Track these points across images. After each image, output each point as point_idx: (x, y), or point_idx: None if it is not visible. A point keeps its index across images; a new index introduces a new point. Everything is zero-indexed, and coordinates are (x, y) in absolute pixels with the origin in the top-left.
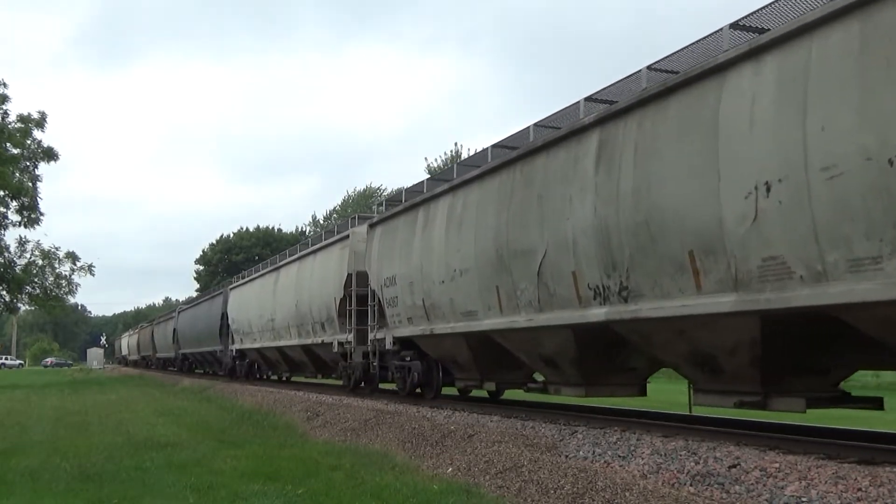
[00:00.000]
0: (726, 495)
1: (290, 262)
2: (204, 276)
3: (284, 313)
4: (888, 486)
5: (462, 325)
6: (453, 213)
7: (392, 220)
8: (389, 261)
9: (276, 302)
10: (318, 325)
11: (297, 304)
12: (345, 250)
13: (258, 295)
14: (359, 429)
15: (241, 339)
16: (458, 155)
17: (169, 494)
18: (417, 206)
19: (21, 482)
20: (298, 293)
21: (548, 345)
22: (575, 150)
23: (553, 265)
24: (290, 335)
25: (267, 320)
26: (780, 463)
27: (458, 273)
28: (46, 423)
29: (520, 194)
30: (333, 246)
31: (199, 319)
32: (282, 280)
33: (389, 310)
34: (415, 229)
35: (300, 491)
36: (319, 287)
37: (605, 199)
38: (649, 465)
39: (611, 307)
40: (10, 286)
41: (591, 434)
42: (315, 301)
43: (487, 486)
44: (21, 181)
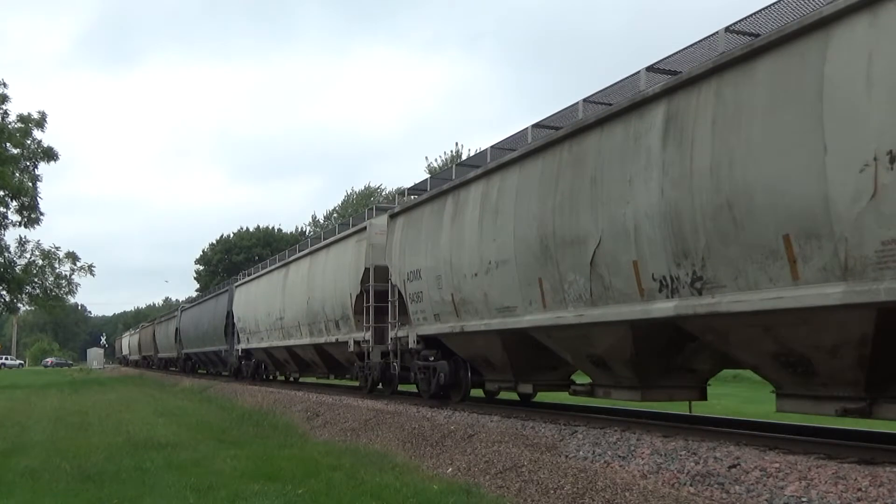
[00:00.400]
0: (726, 495)
1: (301, 257)
2: (204, 276)
3: (295, 311)
4: (888, 486)
5: (497, 321)
6: (488, 200)
7: (416, 209)
8: (413, 253)
9: (286, 299)
10: (331, 324)
11: (309, 302)
12: (361, 243)
13: (266, 292)
14: (359, 429)
15: (248, 338)
16: (459, 155)
17: (169, 494)
18: (445, 194)
19: (21, 482)
20: (310, 290)
21: (599, 343)
22: (635, 125)
23: (609, 254)
24: (300, 334)
25: (275, 319)
26: (780, 463)
27: (493, 265)
28: (46, 423)
29: (568, 177)
30: (349, 239)
31: (203, 318)
32: (292, 276)
33: (413, 306)
34: (442, 219)
35: (300, 491)
36: (333, 283)
37: (676, 180)
38: (649, 465)
39: (681, 300)
40: (10, 286)
41: (591, 434)
42: (329, 298)
43: (487, 486)
44: (21, 181)
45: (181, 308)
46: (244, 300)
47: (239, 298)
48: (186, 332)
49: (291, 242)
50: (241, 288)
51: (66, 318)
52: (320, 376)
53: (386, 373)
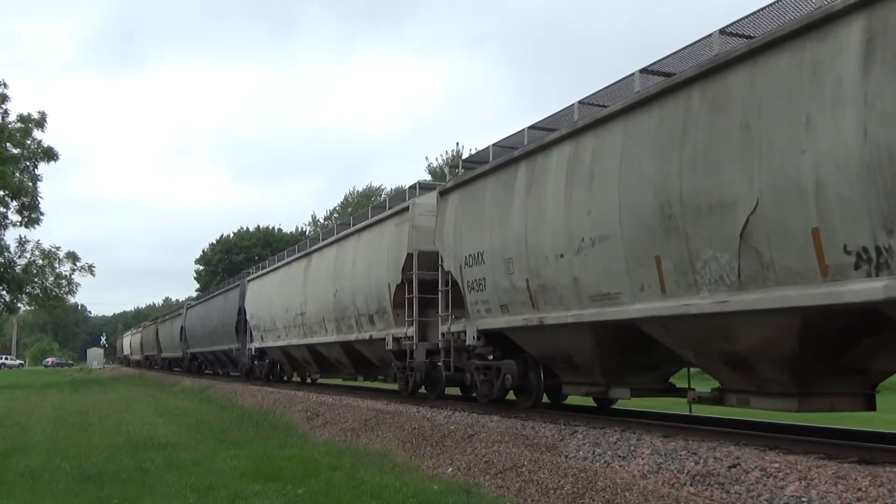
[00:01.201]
0: (726, 495)
1: (326, 245)
2: (204, 276)
3: (319, 305)
4: (888, 486)
5: (592, 311)
6: (578, 165)
7: (476, 182)
8: (473, 234)
9: (308, 293)
10: (363, 319)
11: (337, 294)
12: (402, 226)
13: (284, 286)
14: (359, 429)
15: (262, 336)
16: (459, 154)
17: (169, 495)
18: (515, 163)
19: (21, 482)
20: (338, 281)
21: (744, 338)
22: (815, 51)
23: (771, 221)
24: (324, 331)
25: (295, 314)
26: (780, 463)
27: (587, 243)
28: (46, 423)
29: (702, 126)
30: (386, 222)
31: (212, 316)
32: (315, 267)
33: (472, 295)
34: (512, 191)
35: (300, 491)
36: (367, 272)
37: (887, 115)
38: (649, 465)
39: (893, 280)
40: (10, 286)
41: (591, 434)
42: (361, 289)
43: (487, 486)
44: (21, 181)
45: (187, 305)
46: (258, 295)
47: (252, 293)
48: (192, 330)
49: (291, 242)
50: (255, 282)
51: (66, 318)
52: (347, 378)
53: (431, 374)
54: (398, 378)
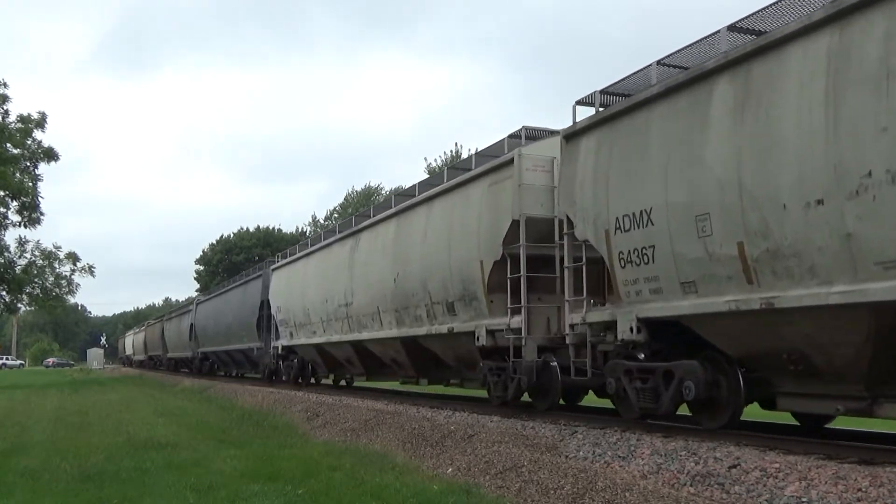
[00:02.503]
0: (726, 495)
1: (381, 220)
2: (204, 277)
3: (371, 294)
4: (888, 486)
5: (882, 287)
6: (854, 61)
7: (631, 116)
8: (629, 186)
9: (356, 279)
10: (439, 308)
11: (398, 279)
12: (502, 187)
13: (321, 272)
14: (359, 429)
15: (292, 332)
16: (459, 155)
17: (169, 495)
18: (708, 78)
19: (21, 482)
20: (400, 263)
21: None
22: None
23: None
24: (378, 324)
25: (337, 306)
26: (780, 463)
27: (878, 180)
28: (46, 424)
29: None
30: (475, 184)
31: (227, 311)
32: (365, 248)
33: (628, 271)
34: (706, 117)
35: (300, 491)
36: (445, 249)
37: None
38: (649, 466)
39: None
40: (10, 286)
41: (591, 434)
42: (436, 271)
43: (487, 486)
44: (21, 181)
45: (196, 301)
46: (286, 285)
47: (278, 284)
48: (204, 328)
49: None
50: (282, 271)
51: (66, 319)
52: (406, 380)
53: (544, 377)
54: (490, 383)
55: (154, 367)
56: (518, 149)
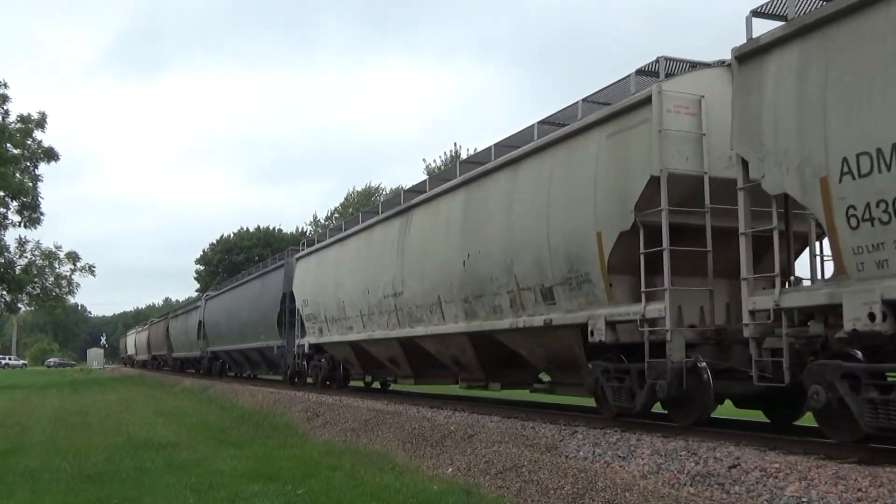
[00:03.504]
0: (726, 495)
1: (442, 193)
2: (204, 277)
3: (430, 281)
4: (888, 487)
5: None
6: None
7: (865, 15)
8: (866, 112)
9: (407, 265)
10: (530, 295)
11: (469, 263)
12: (628, 136)
13: (360, 259)
14: (359, 429)
15: (322, 328)
16: (458, 155)
17: (169, 495)
18: None
19: (21, 482)
20: (471, 242)
21: None
22: None
23: None
24: (439, 317)
25: (382, 297)
26: (780, 463)
27: None
28: (46, 424)
29: None
30: (583, 137)
31: (242, 306)
32: (420, 227)
33: (861, 234)
34: None
35: (300, 491)
36: (540, 222)
37: None
38: (649, 466)
39: None
40: (11, 286)
41: (591, 434)
42: (527, 249)
43: (487, 486)
44: (21, 181)
45: (206, 297)
46: (314, 276)
47: (304, 274)
48: (214, 325)
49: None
50: (308, 259)
51: (66, 319)
52: (470, 384)
53: (690, 382)
54: (606, 389)
55: (158, 368)
56: (657, 84)
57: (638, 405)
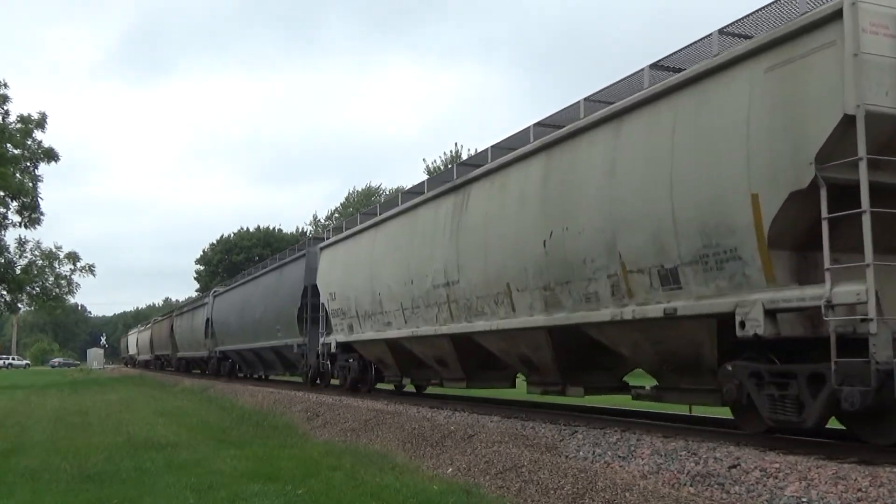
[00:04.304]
0: (726, 495)
1: (513, 161)
2: (204, 277)
3: (496, 267)
4: (888, 487)
5: None
6: None
7: None
8: None
9: (464, 249)
10: (641, 279)
11: (552, 243)
12: (802, 66)
13: (401, 245)
14: (359, 429)
15: (351, 325)
16: (458, 155)
17: (169, 495)
18: None
19: (21, 482)
20: (555, 217)
21: None
22: None
23: None
24: (507, 309)
25: (431, 287)
26: (780, 463)
27: None
28: (46, 424)
29: None
30: (726, 74)
31: (256, 302)
32: (481, 205)
33: None
34: None
35: (300, 491)
36: (660, 186)
37: None
38: (649, 466)
39: None
40: (11, 286)
41: (591, 434)
42: (639, 221)
43: (487, 486)
44: (21, 181)
45: (214, 293)
46: (343, 266)
47: (330, 265)
48: (224, 322)
49: (292, 242)
50: (336, 248)
51: (66, 319)
52: (545, 389)
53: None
54: (753, 397)
55: (161, 368)
56: None
57: (810, 420)
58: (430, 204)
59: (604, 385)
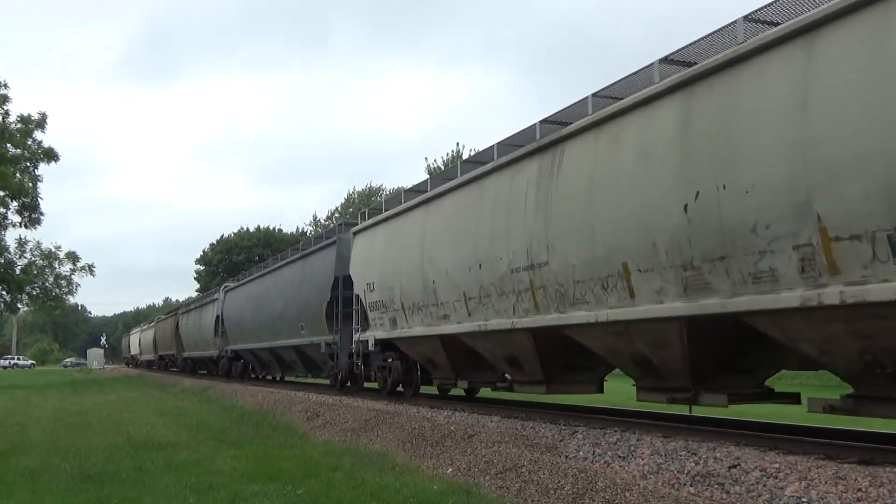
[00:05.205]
0: (726, 495)
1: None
2: (204, 277)
3: (607, 242)
4: (888, 487)
5: None
6: None
7: None
8: None
9: (556, 222)
10: (846, 248)
11: (696, 208)
12: None
13: (462, 223)
14: (359, 429)
15: (394, 319)
16: (460, 155)
17: (169, 495)
18: None
19: (21, 482)
20: (699, 175)
21: None
22: None
23: None
24: (620, 295)
25: (506, 272)
26: (780, 463)
27: None
28: (46, 424)
29: None
30: None
31: (275, 296)
32: (579, 166)
33: None
34: None
35: (300, 491)
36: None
37: None
38: (649, 466)
39: None
40: (10, 286)
41: (591, 434)
42: (849, 170)
43: (487, 486)
44: (21, 181)
45: (225, 288)
46: (383, 252)
47: (366, 252)
48: (237, 320)
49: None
50: (372, 232)
51: (65, 319)
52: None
53: None
54: None
55: (165, 369)
56: None
57: None
58: (503, 171)
59: (747, 391)
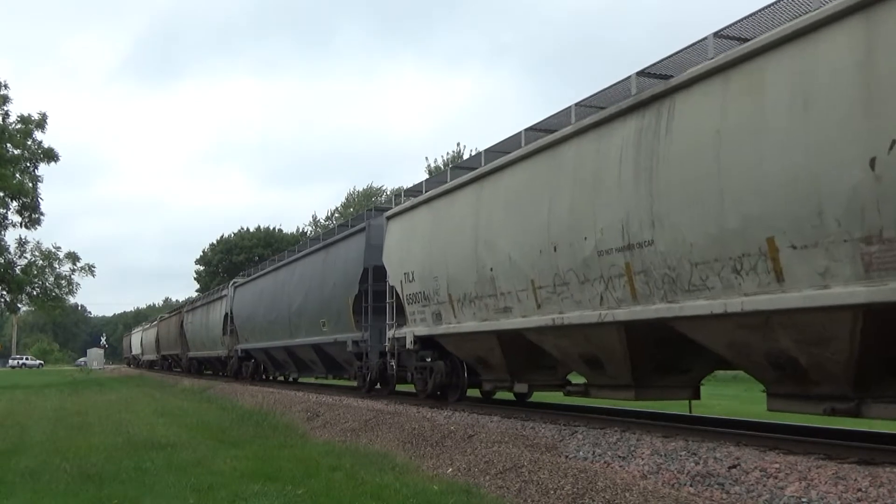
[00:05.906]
0: (726, 496)
1: (768, 47)
2: (204, 277)
3: (739, 214)
4: (888, 487)
5: None
6: None
7: None
8: None
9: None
10: None
11: (893, 159)
12: None
13: (530, 199)
14: (359, 429)
15: (439, 313)
16: (460, 155)
17: (169, 495)
18: None
19: (21, 482)
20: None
21: None
22: None
23: None
24: (757, 279)
25: (592, 254)
26: (780, 463)
27: None
28: (46, 424)
29: None
30: None
31: (293, 291)
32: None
33: None
34: None
35: (300, 491)
36: None
37: None
38: (649, 466)
39: None
40: (11, 287)
41: (591, 434)
42: None
43: (487, 486)
44: (21, 182)
45: (234, 284)
46: (426, 237)
47: (404, 238)
48: (248, 317)
49: (292, 242)
50: (411, 216)
51: (66, 319)
52: (834, 408)
53: None
54: None
55: (168, 369)
56: None
57: None
58: (585, 136)
59: None
